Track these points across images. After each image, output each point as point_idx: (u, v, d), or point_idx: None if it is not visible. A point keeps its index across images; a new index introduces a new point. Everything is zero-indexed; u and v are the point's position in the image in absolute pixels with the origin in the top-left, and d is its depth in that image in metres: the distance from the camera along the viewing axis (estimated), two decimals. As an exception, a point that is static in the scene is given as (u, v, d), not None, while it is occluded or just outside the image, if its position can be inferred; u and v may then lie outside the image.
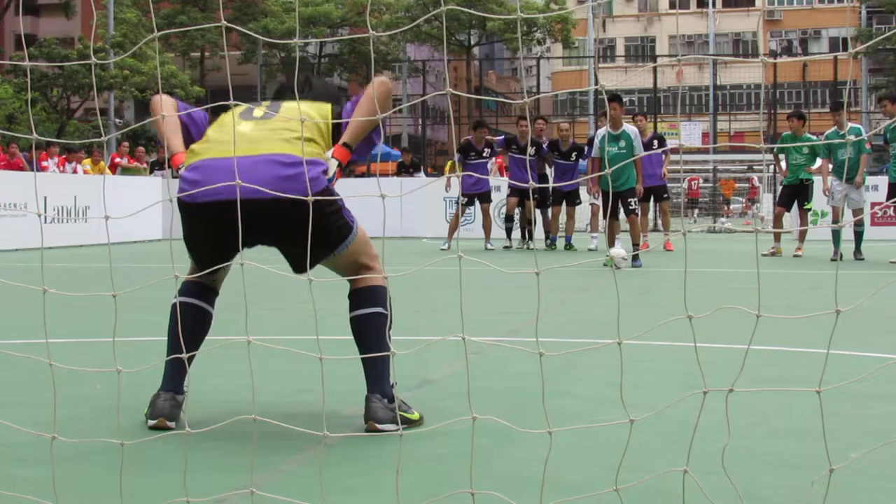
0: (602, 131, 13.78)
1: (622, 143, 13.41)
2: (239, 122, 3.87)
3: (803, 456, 3.44)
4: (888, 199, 14.07)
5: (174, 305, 3.83)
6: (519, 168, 16.61)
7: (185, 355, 3.58)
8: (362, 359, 3.88)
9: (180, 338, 3.66)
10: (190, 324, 3.83)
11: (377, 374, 3.86)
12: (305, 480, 3.30)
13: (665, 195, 17.58)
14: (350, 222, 3.88)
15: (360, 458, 3.61)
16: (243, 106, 4.01)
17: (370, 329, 3.87)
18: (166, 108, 3.92)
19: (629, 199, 13.49)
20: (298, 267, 3.82)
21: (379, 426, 3.79)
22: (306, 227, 3.31)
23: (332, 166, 3.88)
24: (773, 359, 5.47)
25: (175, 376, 3.86)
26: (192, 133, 4.03)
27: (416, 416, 3.96)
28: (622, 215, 13.97)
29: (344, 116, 3.96)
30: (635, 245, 13.37)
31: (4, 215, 17.05)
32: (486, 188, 17.15)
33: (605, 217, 14.01)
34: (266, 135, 3.80)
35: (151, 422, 3.83)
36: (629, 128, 13.86)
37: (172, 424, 3.79)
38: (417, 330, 6.52)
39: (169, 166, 3.86)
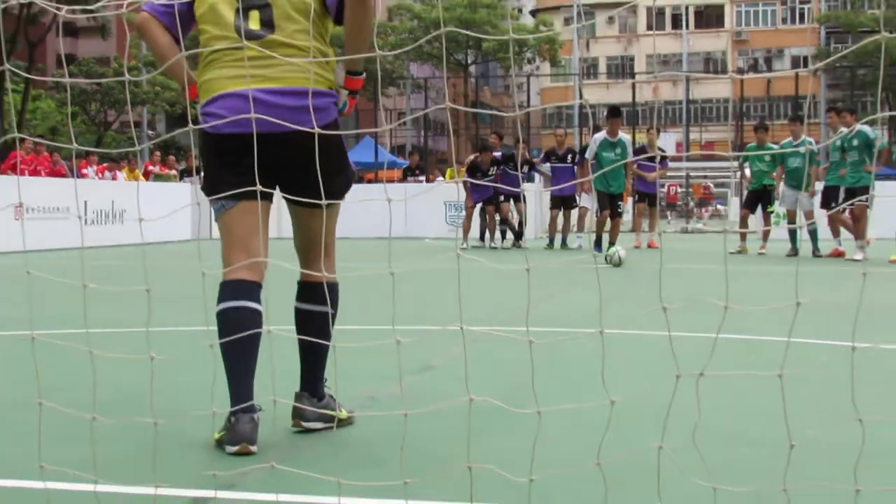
0: (599, 137, 14.13)
1: (618, 150, 13.90)
2: (239, 42, 3.28)
3: (766, 433, 3.45)
4: (822, 203, 14.17)
5: (222, 313, 3.35)
6: (510, 181, 16.90)
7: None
8: (302, 355, 3.59)
9: (237, 348, 3.25)
10: (243, 329, 3.27)
11: (314, 375, 3.60)
12: (319, 456, 3.30)
13: (655, 201, 17.78)
14: (351, 177, 3.59)
15: (368, 435, 3.61)
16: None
17: (321, 330, 3.43)
18: (161, 43, 3.48)
19: (618, 202, 13.91)
20: (300, 202, 3.37)
21: (306, 424, 3.56)
22: (314, 159, 2.96)
23: (343, 96, 3.54)
24: (740, 346, 5.49)
25: (245, 391, 3.30)
26: (184, 30, 3.48)
27: (343, 414, 3.66)
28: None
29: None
30: (612, 244, 13.49)
31: (49, 217, 17.07)
32: (489, 194, 17.24)
33: (596, 214, 14.27)
34: (275, 59, 3.33)
35: (232, 448, 3.25)
36: (624, 136, 14.30)
37: (255, 449, 3.26)
38: (420, 320, 6.53)
39: (193, 103, 3.45)
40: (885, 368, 4.89)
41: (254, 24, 3.39)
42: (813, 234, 14.47)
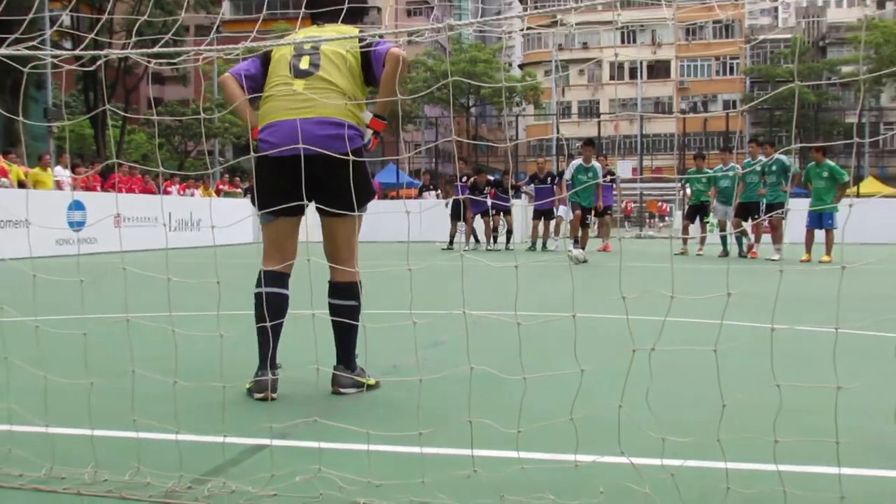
0: (576, 163, 14.43)
1: (590, 174, 14.17)
2: (292, 80, 3.44)
3: (703, 396, 3.44)
4: (736, 214, 14.25)
5: (258, 296, 3.49)
6: (500, 200, 17.35)
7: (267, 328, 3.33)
8: (336, 337, 3.61)
9: (267, 324, 3.35)
10: (274, 309, 3.43)
11: (347, 352, 3.63)
12: (352, 412, 3.30)
13: (609, 213, 17.80)
14: (370, 195, 3.51)
15: (391, 396, 3.61)
16: (289, 48, 3.51)
17: (348, 317, 3.54)
18: (236, 95, 3.52)
19: (587, 216, 14.11)
20: (329, 212, 3.46)
21: (342, 390, 3.59)
22: (343, 177, 3.16)
23: (368, 134, 3.51)
24: (683, 327, 5.47)
25: (271, 355, 3.46)
26: (255, 89, 3.58)
27: (371, 381, 3.69)
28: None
29: (375, 60, 3.46)
30: (582, 247, 13.61)
31: (140, 225, 17.13)
32: (485, 207, 17.59)
33: (570, 224, 14.47)
34: (317, 94, 3.38)
35: (258, 395, 3.46)
36: (596, 164, 14.58)
37: (275, 396, 3.47)
38: (431, 306, 6.52)
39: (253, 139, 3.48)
40: (797, 345, 4.88)
41: (304, 64, 3.48)
42: (739, 240, 14.55)
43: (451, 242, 18.22)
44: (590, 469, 2.53)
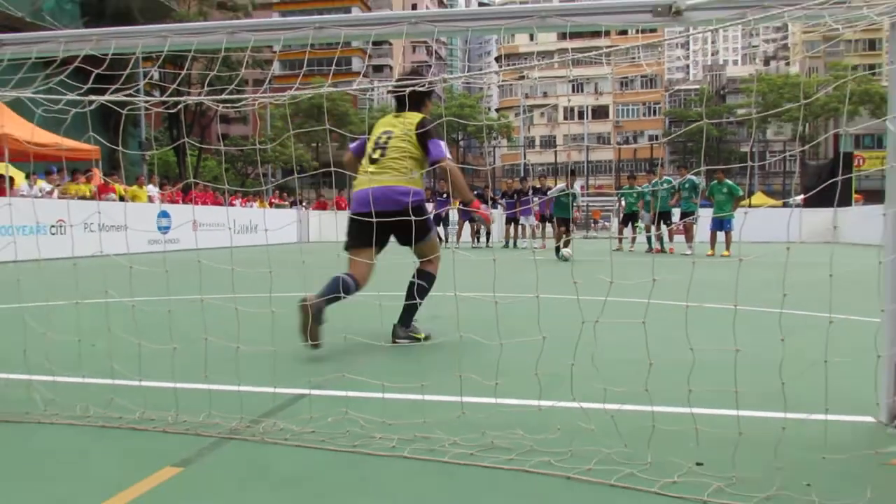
0: (561, 186, 14.48)
1: (571, 195, 14.20)
2: (368, 165, 3.78)
3: (634, 357, 3.43)
4: (652, 220, 14.53)
5: (336, 278, 3.57)
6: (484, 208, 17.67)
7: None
8: (404, 303, 3.85)
9: (337, 291, 3.50)
10: (343, 284, 3.55)
11: (407, 315, 3.86)
12: (371, 368, 3.29)
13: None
14: (430, 230, 3.87)
15: (400, 356, 3.60)
16: (373, 141, 3.87)
17: (415, 292, 3.82)
18: (350, 166, 3.97)
19: (567, 225, 14.19)
20: (407, 244, 3.84)
21: (398, 341, 3.79)
22: (406, 222, 3.54)
23: (483, 210, 3.91)
24: (619, 305, 5.46)
25: (328, 304, 3.48)
26: (359, 156, 3.97)
27: (421, 335, 3.88)
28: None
29: (432, 148, 3.74)
30: (565, 247, 13.68)
31: (212, 229, 17.07)
32: (471, 216, 17.74)
33: (554, 232, 14.49)
34: (385, 171, 3.71)
35: (303, 303, 3.40)
36: (575, 187, 14.57)
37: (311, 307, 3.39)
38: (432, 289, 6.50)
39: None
40: (705, 318, 4.88)
41: (377, 154, 3.80)
42: (649, 240, 14.72)
43: (444, 243, 18.33)
44: (550, 412, 2.52)
